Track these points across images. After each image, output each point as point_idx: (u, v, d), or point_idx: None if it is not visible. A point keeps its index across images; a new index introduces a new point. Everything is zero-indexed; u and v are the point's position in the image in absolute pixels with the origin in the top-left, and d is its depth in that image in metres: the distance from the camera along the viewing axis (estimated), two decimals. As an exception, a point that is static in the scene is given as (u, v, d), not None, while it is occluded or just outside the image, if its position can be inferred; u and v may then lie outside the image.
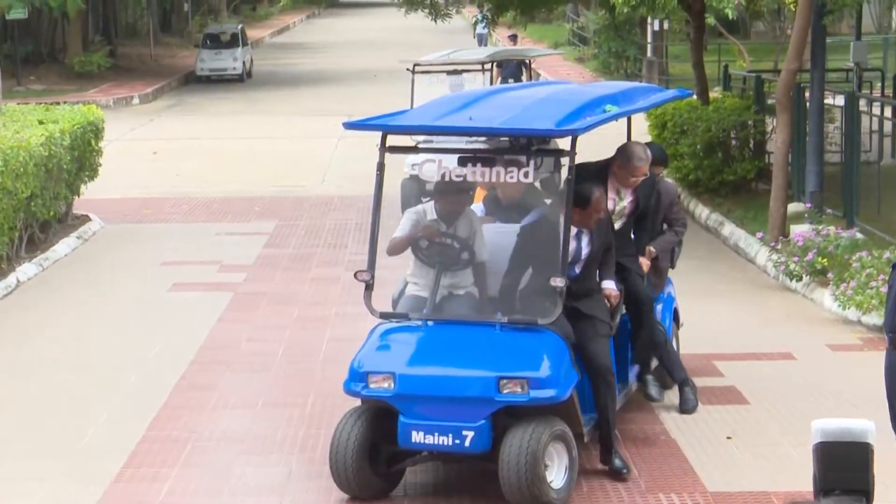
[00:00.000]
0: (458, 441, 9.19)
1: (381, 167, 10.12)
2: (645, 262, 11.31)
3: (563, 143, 10.75)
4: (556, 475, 9.29)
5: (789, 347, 12.99)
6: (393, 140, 10.13)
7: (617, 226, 10.94)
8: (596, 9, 45.57)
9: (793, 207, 18.47)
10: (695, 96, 22.60)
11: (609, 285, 10.37)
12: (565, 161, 10.11)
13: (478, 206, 11.01)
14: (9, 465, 10.53)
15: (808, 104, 19.40)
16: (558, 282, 9.41)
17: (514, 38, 41.82)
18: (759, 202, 19.81)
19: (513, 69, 29.16)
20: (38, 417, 11.69)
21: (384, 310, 10.06)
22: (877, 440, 3.41)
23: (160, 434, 11.22)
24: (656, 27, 41.72)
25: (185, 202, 23.17)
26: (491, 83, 22.69)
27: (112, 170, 23.44)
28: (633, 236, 11.39)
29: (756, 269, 17.37)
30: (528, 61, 27.82)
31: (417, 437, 9.27)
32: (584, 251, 10.13)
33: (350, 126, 10.33)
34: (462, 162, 9.86)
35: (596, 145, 11.88)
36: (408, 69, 21.55)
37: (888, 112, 22.27)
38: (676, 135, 21.61)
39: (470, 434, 9.17)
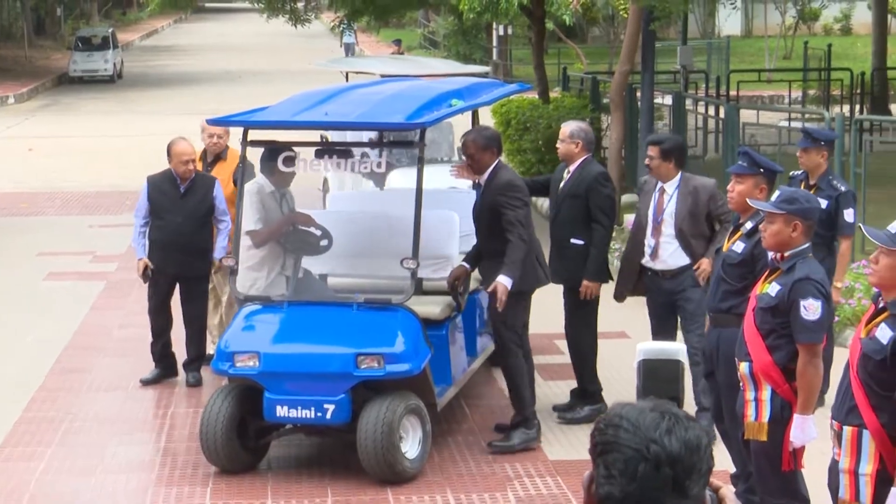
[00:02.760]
0: (320, 414, 9.24)
1: (243, 160, 10.31)
2: (704, 268, 9.78)
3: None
4: (410, 446, 9.39)
5: (623, 327, 13.14)
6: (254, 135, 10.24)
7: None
8: (445, 14, 45.65)
9: (626, 198, 18.70)
10: (537, 95, 22.79)
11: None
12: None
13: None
14: None
15: (639, 103, 19.66)
16: (410, 263, 9.49)
17: (398, 42, 41.46)
18: (596, 193, 19.93)
19: None
20: (-81, 401, 11.46)
21: (249, 293, 10.06)
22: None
23: (36, 415, 11.06)
24: (501, 32, 41.98)
25: (60, 196, 22.80)
26: None
27: (-12, 166, 23.00)
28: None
29: (593, 255, 17.51)
30: None
31: (282, 411, 9.29)
32: None
33: (214, 122, 10.49)
34: (319, 154, 9.94)
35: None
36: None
37: (712, 111, 22.63)
38: (520, 131, 21.76)
39: (331, 407, 9.22)
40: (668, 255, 10.03)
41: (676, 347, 3.13)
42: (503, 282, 9.62)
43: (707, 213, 9.95)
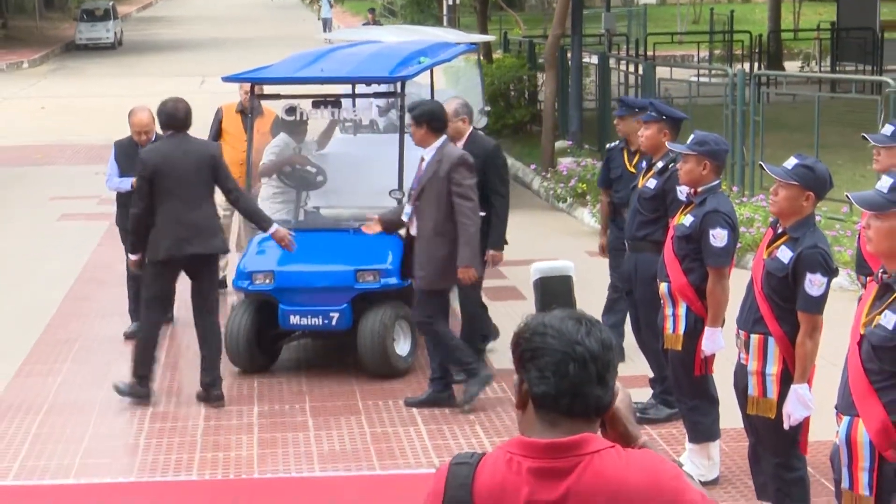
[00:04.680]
0: (326, 321, 9.49)
1: (252, 111, 10.67)
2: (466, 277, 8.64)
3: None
4: (402, 345, 9.68)
5: (557, 254, 13.13)
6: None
7: None
8: (402, -14, 45.26)
9: (559, 144, 18.68)
10: (481, 56, 22.66)
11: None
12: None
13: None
14: (-75, 367, 10.21)
15: (569, 62, 19.59)
16: (397, 194, 9.67)
17: (372, 11, 40.98)
18: (533, 141, 20.01)
19: None
20: (-50, 327, 11.35)
21: None
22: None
23: (52, 337, 10.98)
24: (450, 2, 41.63)
25: (69, 148, 22.55)
26: None
27: (5, 123, 22.68)
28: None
29: (531, 193, 17.56)
30: None
31: (295, 319, 9.53)
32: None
33: (228, 79, 10.57)
34: (315, 105, 10.02)
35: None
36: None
37: (632, 68, 22.58)
38: (468, 88, 21.65)
39: (336, 315, 9.46)
40: (416, 224, 8.78)
41: (565, 264, 3.14)
42: (129, 255, 9.58)
43: (448, 189, 8.52)
